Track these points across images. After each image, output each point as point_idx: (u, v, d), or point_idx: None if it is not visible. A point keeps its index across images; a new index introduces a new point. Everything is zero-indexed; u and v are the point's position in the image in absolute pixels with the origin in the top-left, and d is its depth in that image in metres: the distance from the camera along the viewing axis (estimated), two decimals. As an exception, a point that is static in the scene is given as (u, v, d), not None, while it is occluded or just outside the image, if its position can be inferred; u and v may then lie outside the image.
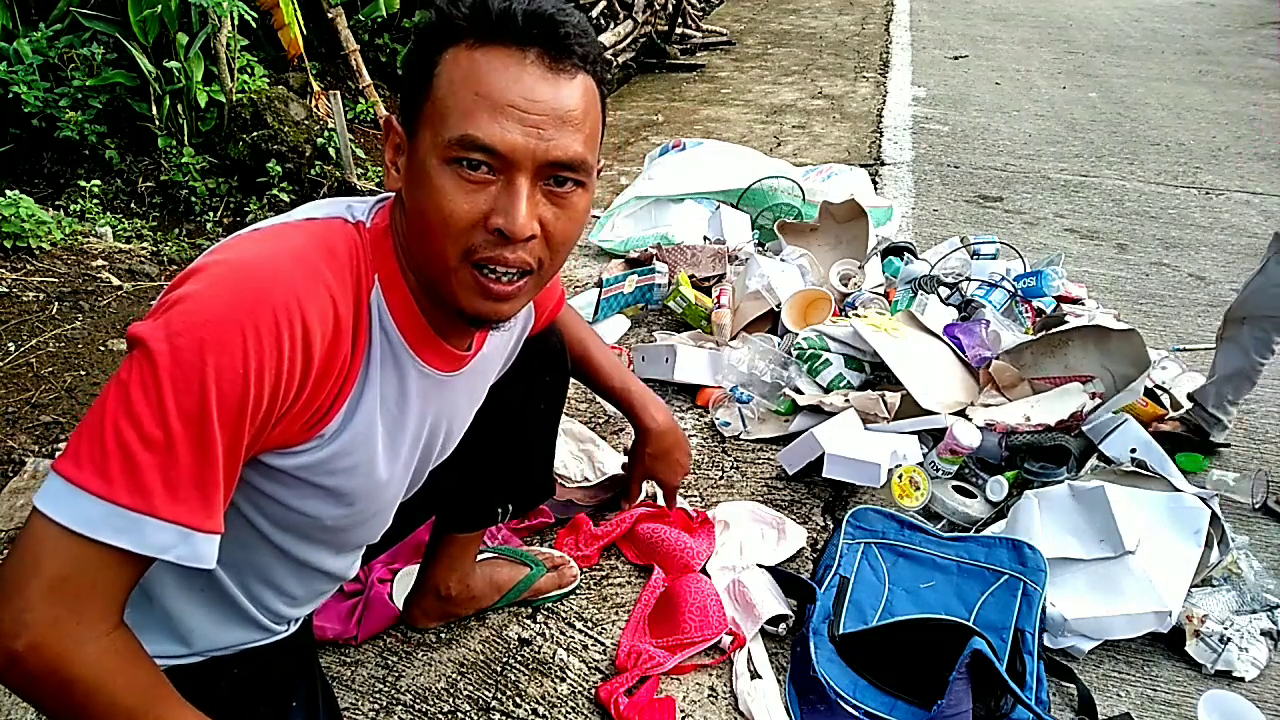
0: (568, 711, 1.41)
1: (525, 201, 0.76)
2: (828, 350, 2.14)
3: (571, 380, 1.45)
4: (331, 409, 0.82)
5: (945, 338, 2.18)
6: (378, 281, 0.84)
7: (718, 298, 2.44)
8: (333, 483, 0.87)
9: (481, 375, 1.05)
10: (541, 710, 1.41)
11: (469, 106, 0.74)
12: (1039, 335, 2.19)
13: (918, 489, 1.79)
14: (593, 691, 1.44)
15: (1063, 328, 2.13)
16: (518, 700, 1.42)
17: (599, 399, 2.20)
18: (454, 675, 1.46)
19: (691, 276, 2.63)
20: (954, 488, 1.86)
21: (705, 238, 2.92)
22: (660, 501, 1.83)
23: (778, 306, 2.39)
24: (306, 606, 1.05)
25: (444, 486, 1.14)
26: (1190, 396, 2.01)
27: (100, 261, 2.95)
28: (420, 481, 1.07)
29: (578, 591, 1.64)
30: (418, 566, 1.51)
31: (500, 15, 0.74)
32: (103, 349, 2.49)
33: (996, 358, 2.12)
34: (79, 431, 0.70)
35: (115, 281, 2.85)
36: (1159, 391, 2.14)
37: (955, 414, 1.98)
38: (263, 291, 0.72)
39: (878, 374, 2.17)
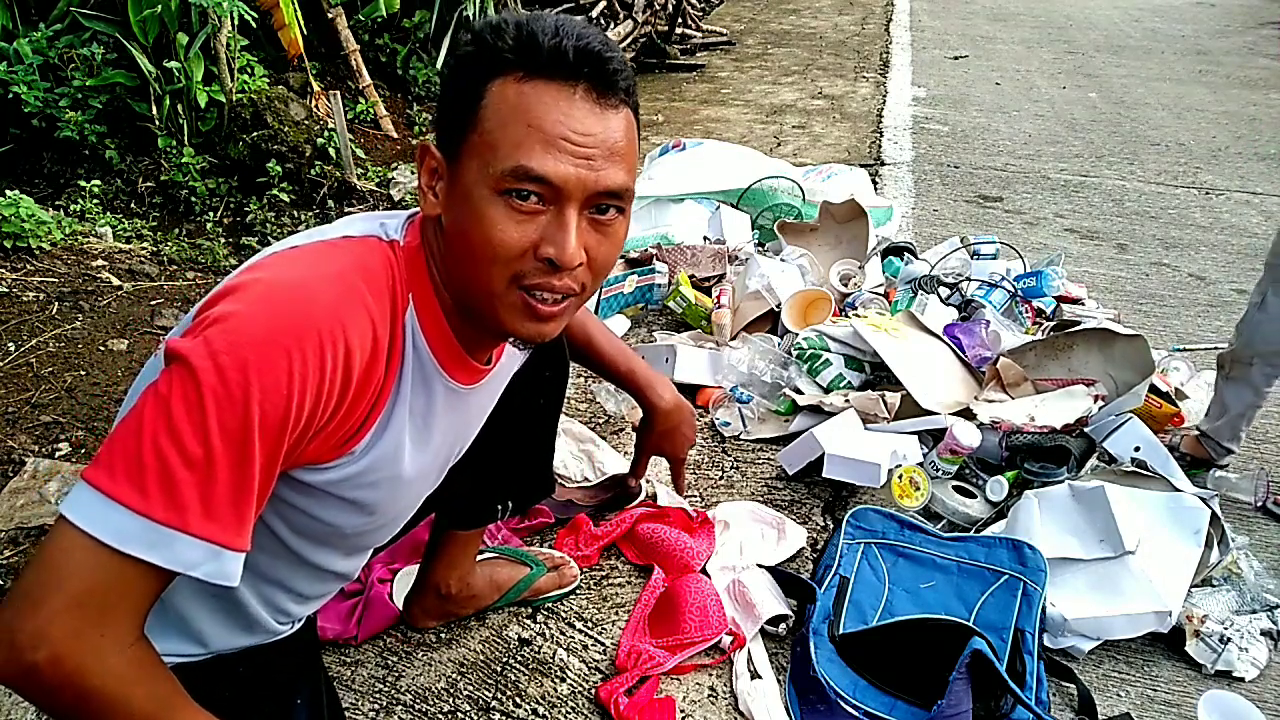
0: (568, 711, 1.41)
1: (575, 232, 0.78)
2: (828, 350, 2.14)
3: (571, 380, 1.45)
4: (364, 427, 0.83)
5: (945, 338, 2.18)
6: (412, 300, 0.85)
7: (718, 298, 2.44)
8: (359, 495, 0.88)
9: (498, 383, 1.07)
10: (541, 710, 1.41)
11: (521, 139, 0.75)
12: (1044, 336, 2.18)
13: (918, 489, 1.79)
14: (593, 691, 1.44)
15: (1069, 330, 2.13)
16: (518, 700, 1.42)
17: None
18: (454, 675, 1.47)
19: (691, 276, 2.63)
20: (954, 488, 1.86)
21: (705, 238, 2.92)
22: (661, 502, 1.84)
23: (778, 306, 2.39)
24: (313, 605, 1.05)
25: (446, 485, 1.15)
26: (1203, 432, 1.97)
27: (100, 261, 2.94)
28: (434, 487, 1.08)
29: (578, 591, 1.64)
30: (418, 566, 1.51)
31: (551, 51, 0.75)
32: (103, 349, 2.49)
33: (1002, 355, 2.12)
34: (111, 443, 0.70)
35: (115, 281, 2.85)
36: (1173, 395, 2.13)
37: (956, 413, 1.98)
38: (307, 313, 0.73)
39: (878, 374, 2.17)
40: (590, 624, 1.58)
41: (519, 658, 1.50)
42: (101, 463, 0.69)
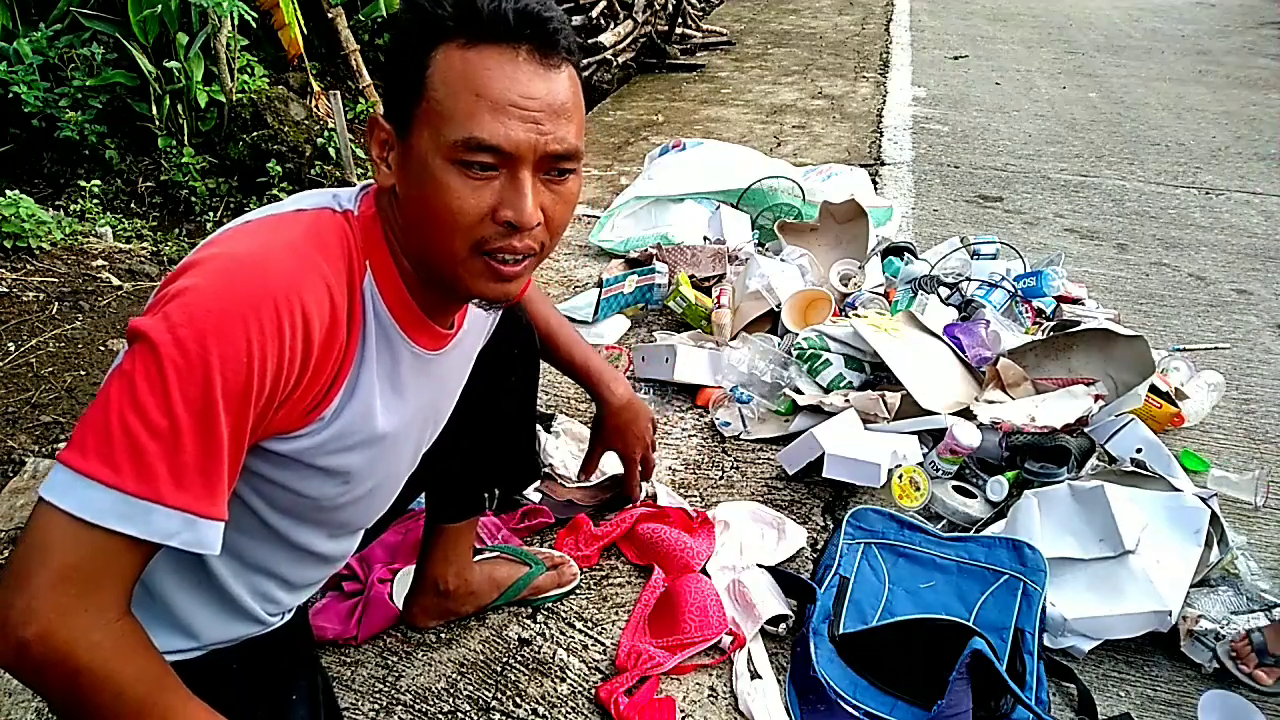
0: (568, 711, 1.41)
1: (531, 194, 0.79)
2: (828, 350, 2.14)
3: (571, 380, 1.45)
4: (330, 392, 0.84)
5: (945, 338, 2.18)
6: (370, 268, 0.86)
7: (718, 298, 2.43)
8: (332, 463, 0.89)
9: (465, 352, 1.07)
10: (541, 710, 1.41)
11: (470, 108, 0.76)
12: (1044, 336, 2.18)
13: (918, 489, 1.80)
14: (593, 691, 1.44)
15: (1069, 330, 2.13)
16: (518, 700, 1.42)
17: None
18: (454, 675, 1.47)
19: (691, 276, 2.63)
20: (954, 488, 1.86)
21: (705, 238, 2.92)
22: (661, 502, 1.83)
23: (778, 306, 2.39)
24: (301, 593, 1.05)
25: (429, 471, 1.15)
26: None
27: (100, 261, 2.94)
28: (415, 463, 1.08)
29: (578, 591, 1.64)
30: (414, 569, 1.51)
31: (491, 15, 0.76)
32: (103, 349, 2.49)
33: (1002, 355, 2.12)
34: (82, 424, 0.71)
35: (115, 281, 2.85)
36: (1173, 395, 2.13)
37: (956, 413, 1.98)
38: (262, 282, 0.74)
39: (878, 374, 2.17)
40: (590, 624, 1.58)
41: (519, 658, 1.50)
42: (74, 443, 0.71)
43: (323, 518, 0.96)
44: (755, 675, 1.46)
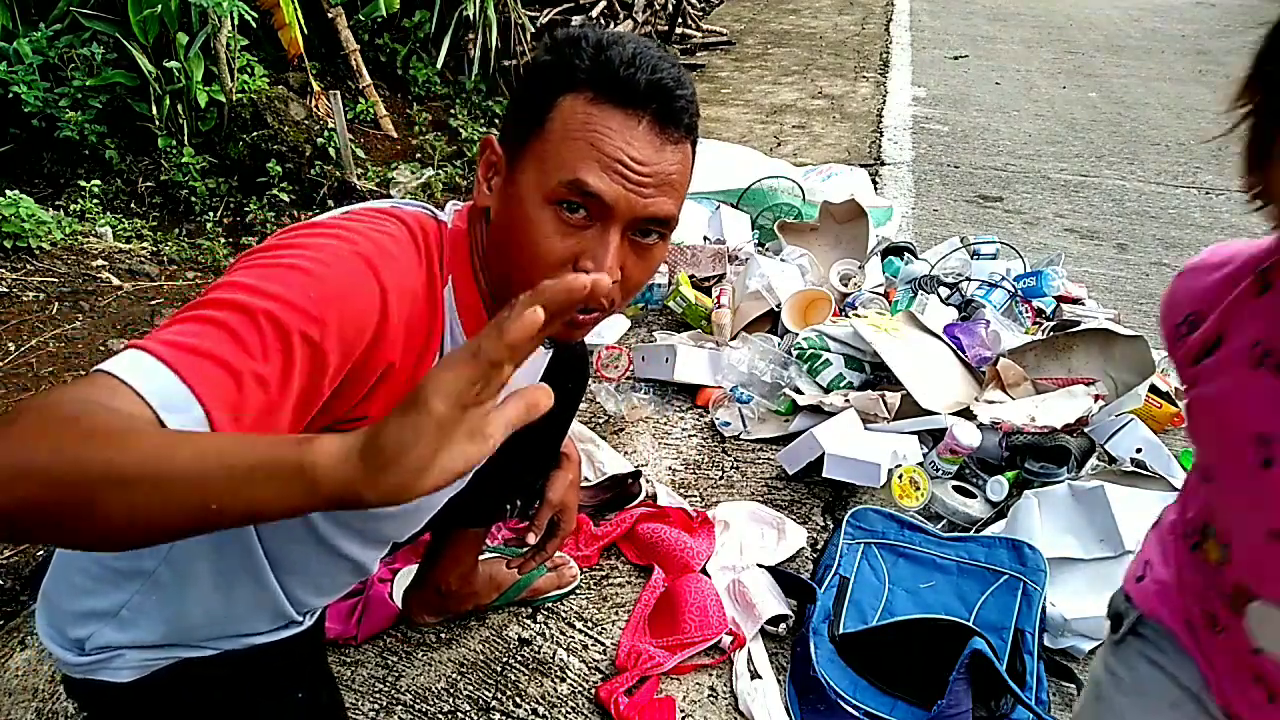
0: (568, 711, 1.41)
1: (614, 251, 0.81)
2: (828, 350, 2.14)
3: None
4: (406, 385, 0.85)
5: (945, 338, 2.18)
6: (451, 281, 0.88)
7: (718, 298, 2.43)
8: None
9: (526, 377, 1.08)
10: (541, 710, 1.41)
11: (582, 154, 0.79)
12: (1044, 336, 2.18)
13: (918, 489, 1.80)
14: (593, 691, 1.44)
15: (1069, 330, 2.13)
16: (518, 700, 1.43)
17: (602, 400, 2.21)
18: (454, 675, 1.47)
19: (691, 276, 2.63)
20: (954, 488, 1.86)
21: (705, 238, 2.92)
22: (661, 502, 1.84)
23: (778, 306, 2.39)
24: (327, 597, 1.07)
25: (463, 490, 1.16)
26: None
27: (100, 261, 2.94)
28: (461, 484, 1.08)
29: (578, 591, 1.64)
30: (417, 566, 1.51)
31: (625, 79, 0.79)
32: (103, 349, 2.49)
33: (1002, 355, 2.12)
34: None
35: (115, 281, 2.85)
36: (1173, 395, 2.12)
37: (956, 413, 1.98)
38: (364, 251, 0.77)
39: (878, 374, 2.17)
40: (590, 624, 1.58)
41: (519, 658, 1.50)
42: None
43: (363, 524, 0.97)
44: (755, 675, 1.46)
